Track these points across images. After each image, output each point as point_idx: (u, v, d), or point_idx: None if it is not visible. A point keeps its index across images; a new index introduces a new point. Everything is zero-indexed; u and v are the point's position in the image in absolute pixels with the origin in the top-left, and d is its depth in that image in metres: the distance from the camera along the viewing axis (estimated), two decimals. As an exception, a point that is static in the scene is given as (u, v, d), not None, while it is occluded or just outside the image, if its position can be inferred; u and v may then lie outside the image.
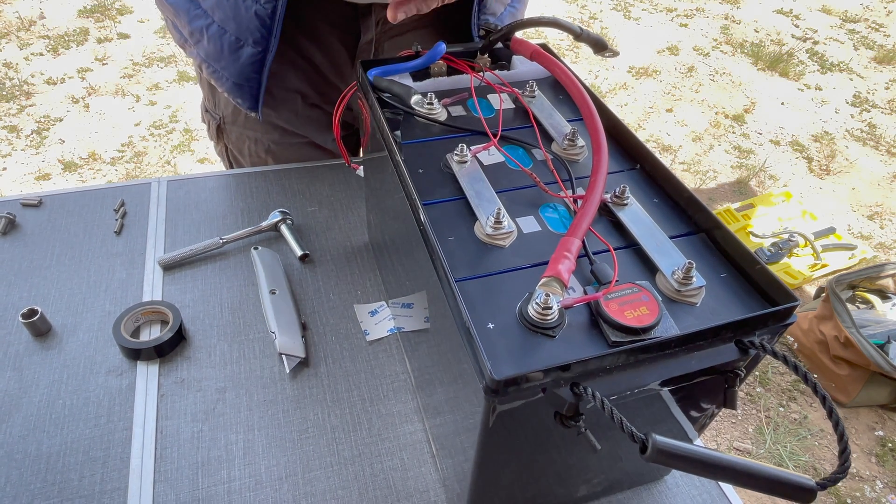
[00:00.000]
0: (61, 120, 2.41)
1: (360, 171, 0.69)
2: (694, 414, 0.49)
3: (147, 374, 0.63)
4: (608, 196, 0.50)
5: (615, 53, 0.61)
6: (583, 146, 0.56)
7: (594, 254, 0.45)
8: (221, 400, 0.62)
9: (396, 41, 0.82)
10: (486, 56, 0.64)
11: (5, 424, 0.59)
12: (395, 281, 0.67)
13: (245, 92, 0.78)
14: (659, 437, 0.33)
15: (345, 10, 0.78)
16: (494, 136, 0.55)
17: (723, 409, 0.48)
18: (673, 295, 0.42)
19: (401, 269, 0.62)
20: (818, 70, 3.18)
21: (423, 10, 0.60)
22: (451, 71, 0.64)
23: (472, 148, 0.54)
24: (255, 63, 0.74)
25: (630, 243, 0.47)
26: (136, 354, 0.64)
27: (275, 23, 0.70)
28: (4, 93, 2.51)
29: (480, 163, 0.54)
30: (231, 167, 0.97)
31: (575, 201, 0.50)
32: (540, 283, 0.41)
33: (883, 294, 1.78)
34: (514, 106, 0.62)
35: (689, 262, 0.42)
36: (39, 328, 0.66)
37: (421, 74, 0.63)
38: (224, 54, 0.74)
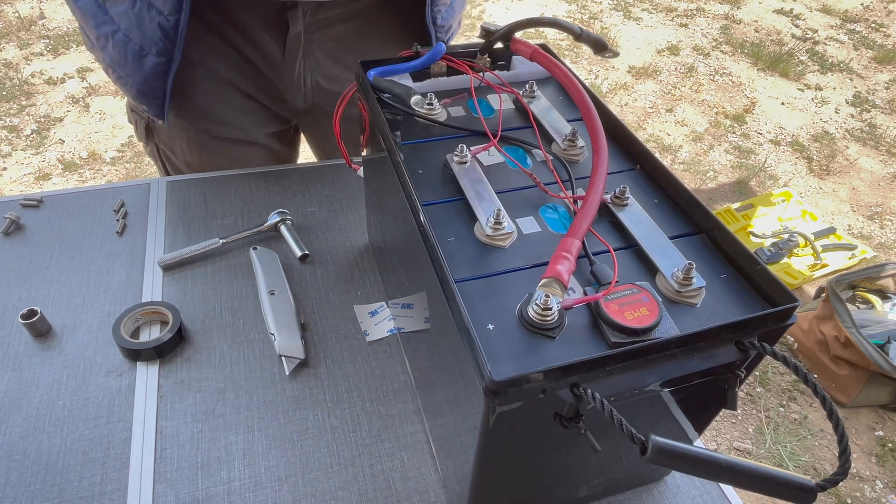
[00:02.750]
0: (61, 120, 2.41)
1: (361, 171, 0.69)
2: (694, 414, 0.49)
3: (147, 375, 0.63)
4: (608, 196, 0.50)
5: (615, 54, 0.61)
6: (583, 146, 0.56)
7: (594, 254, 0.45)
8: (221, 401, 0.62)
9: (327, 32, 0.81)
10: (486, 56, 0.64)
11: (5, 425, 0.59)
12: (395, 281, 0.67)
13: (150, 100, 0.77)
14: (659, 439, 0.33)
15: (272, 4, 0.76)
16: (494, 136, 0.55)
17: (723, 410, 0.48)
18: (673, 296, 0.42)
19: (401, 269, 0.62)
20: (818, 70, 3.18)
21: None
22: (451, 71, 0.64)
23: (471, 148, 0.54)
24: (158, 73, 0.74)
25: (630, 244, 0.47)
26: (135, 355, 0.64)
27: (178, 35, 0.70)
28: (4, 93, 2.51)
29: (480, 163, 0.54)
30: (164, 168, 0.96)
31: (575, 202, 0.50)
32: (540, 283, 0.41)
33: (883, 294, 1.78)
34: (513, 106, 0.62)
35: (689, 263, 0.42)
36: (39, 329, 0.66)
37: (421, 75, 0.63)
38: (128, 62, 0.74)
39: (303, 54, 0.81)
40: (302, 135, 1.03)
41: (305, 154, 1.07)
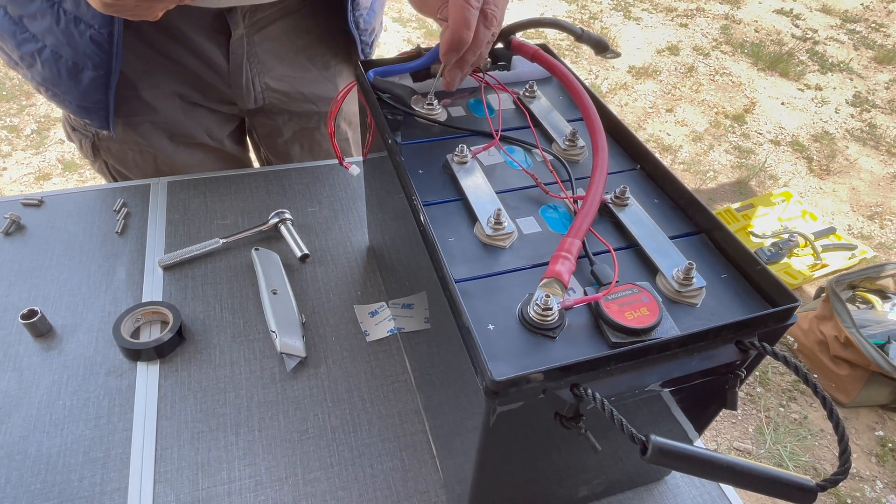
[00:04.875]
0: (61, 120, 2.40)
1: (352, 169, 0.68)
2: (694, 414, 0.49)
3: (147, 375, 0.63)
4: (608, 196, 0.50)
5: (617, 54, 0.61)
6: (583, 146, 0.56)
7: (594, 254, 0.45)
8: (221, 400, 0.62)
9: (266, 31, 0.79)
10: (487, 57, 0.64)
11: (5, 425, 0.59)
12: (395, 281, 0.67)
13: (93, 113, 0.75)
14: (659, 439, 0.33)
15: (209, 10, 0.74)
16: (495, 136, 0.55)
17: (723, 410, 0.48)
18: (673, 296, 0.42)
19: (401, 269, 0.62)
20: (818, 70, 3.18)
21: (477, 63, 0.58)
22: (452, 71, 0.64)
23: (472, 148, 0.54)
24: (98, 87, 0.71)
25: (630, 244, 0.47)
26: (136, 355, 0.64)
27: (114, 46, 0.67)
28: (5, 93, 2.51)
29: (481, 163, 0.54)
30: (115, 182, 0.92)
31: (575, 202, 0.50)
32: (540, 283, 0.41)
33: (883, 294, 1.78)
34: (514, 106, 0.62)
35: (690, 263, 0.42)
36: (39, 329, 0.66)
37: (421, 75, 0.63)
38: (63, 79, 0.71)
39: (247, 57, 0.80)
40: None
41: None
